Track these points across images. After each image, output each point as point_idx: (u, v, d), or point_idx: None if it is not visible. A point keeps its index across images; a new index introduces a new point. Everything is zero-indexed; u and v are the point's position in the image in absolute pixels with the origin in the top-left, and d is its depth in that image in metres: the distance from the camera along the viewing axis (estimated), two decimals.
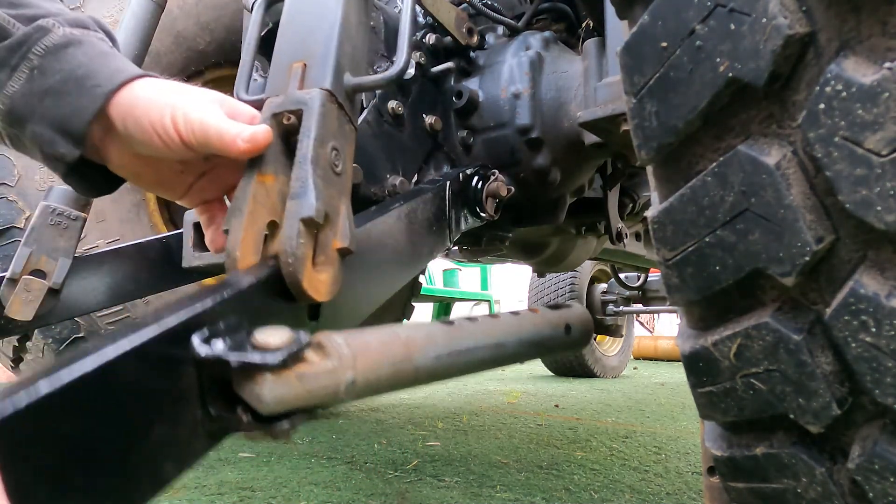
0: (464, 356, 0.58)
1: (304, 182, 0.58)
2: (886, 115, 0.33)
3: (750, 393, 0.42)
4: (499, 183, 1.07)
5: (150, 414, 0.39)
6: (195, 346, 0.42)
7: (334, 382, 0.45)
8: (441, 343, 0.56)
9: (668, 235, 0.45)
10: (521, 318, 0.68)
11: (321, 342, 0.47)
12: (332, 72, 0.66)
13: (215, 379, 0.42)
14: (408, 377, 0.52)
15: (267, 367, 0.42)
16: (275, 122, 0.64)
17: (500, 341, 0.63)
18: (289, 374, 0.43)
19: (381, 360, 0.49)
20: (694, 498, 1.29)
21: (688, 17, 0.41)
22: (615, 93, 0.95)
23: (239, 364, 0.41)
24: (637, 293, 3.82)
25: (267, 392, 0.41)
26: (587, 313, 0.76)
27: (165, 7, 1.25)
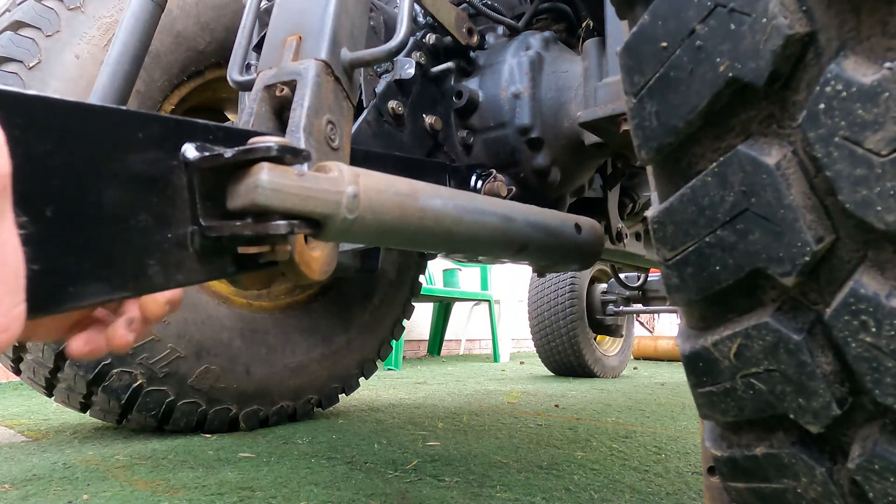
0: (471, 215, 0.56)
1: None
2: (886, 115, 0.33)
3: (750, 393, 0.42)
4: (498, 183, 1.07)
5: (136, 196, 0.38)
6: (185, 151, 0.40)
7: (336, 190, 0.43)
8: (446, 195, 0.54)
9: (668, 235, 0.45)
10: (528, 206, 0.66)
11: (323, 164, 0.45)
12: (329, 43, 0.64)
13: (208, 191, 0.41)
14: (415, 215, 0.49)
15: (264, 153, 0.40)
16: (267, 94, 0.61)
17: (507, 214, 0.60)
18: (287, 168, 0.41)
19: (386, 188, 0.47)
20: (694, 498, 1.29)
21: (688, 16, 0.41)
22: (615, 93, 0.95)
23: (234, 154, 0.40)
24: (637, 293, 3.82)
25: (264, 177, 0.39)
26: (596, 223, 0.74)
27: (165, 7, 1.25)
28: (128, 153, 0.37)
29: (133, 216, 0.38)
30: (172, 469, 1.43)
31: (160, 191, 0.39)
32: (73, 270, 0.35)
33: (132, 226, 0.38)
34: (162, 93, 1.71)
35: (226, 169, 0.40)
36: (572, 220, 0.69)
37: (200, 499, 1.20)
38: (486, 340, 6.51)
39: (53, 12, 1.52)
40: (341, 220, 0.44)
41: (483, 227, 0.57)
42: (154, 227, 0.39)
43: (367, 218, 0.45)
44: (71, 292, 0.35)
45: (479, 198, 0.59)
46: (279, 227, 0.41)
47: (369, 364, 2.29)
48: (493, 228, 0.58)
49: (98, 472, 1.40)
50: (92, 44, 1.55)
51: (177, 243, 0.40)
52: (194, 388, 1.74)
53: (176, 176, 0.40)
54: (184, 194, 0.40)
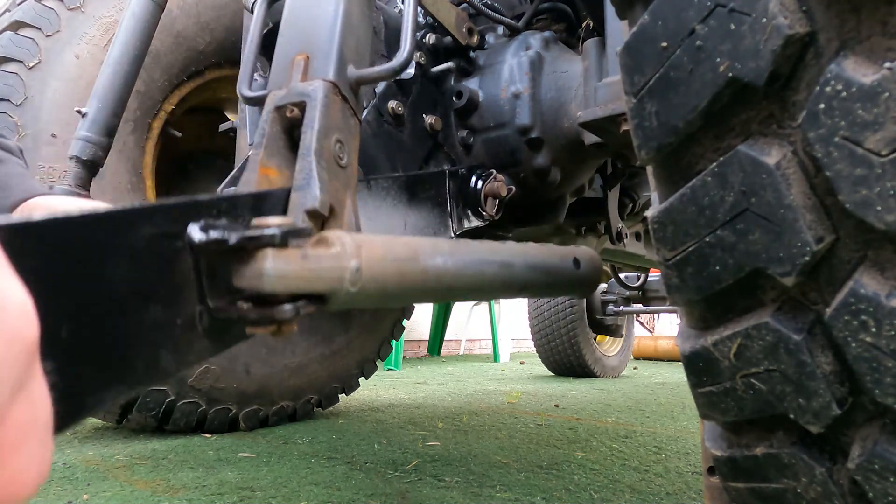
0: (472, 268, 0.57)
1: (309, 174, 0.57)
2: (886, 115, 0.33)
3: (750, 393, 0.42)
4: (498, 183, 1.07)
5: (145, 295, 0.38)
6: (191, 233, 0.40)
7: (339, 266, 0.44)
8: (446, 251, 0.54)
9: (668, 235, 0.45)
10: (527, 245, 0.67)
11: (324, 236, 0.46)
12: (336, 63, 0.65)
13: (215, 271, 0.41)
14: (416, 278, 0.50)
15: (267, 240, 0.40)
16: (278, 115, 0.63)
17: (506, 260, 0.61)
18: (291, 252, 0.41)
19: (386, 255, 0.48)
20: (694, 498, 1.29)
21: (688, 16, 0.41)
22: (615, 93, 0.95)
23: (238, 240, 0.40)
24: (637, 293, 3.82)
25: (268, 265, 0.40)
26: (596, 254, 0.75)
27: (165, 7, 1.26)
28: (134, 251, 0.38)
29: (145, 311, 0.38)
30: (172, 469, 1.43)
31: (168, 278, 0.40)
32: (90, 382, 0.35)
33: (144, 321, 0.38)
34: (162, 93, 1.71)
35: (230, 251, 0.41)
36: (571, 254, 0.70)
37: (200, 499, 1.20)
38: (486, 340, 6.51)
39: (53, 12, 1.52)
40: (345, 294, 0.45)
41: (483, 276, 0.59)
42: (164, 316, 0.39)
43: (369, 287, 0.46)
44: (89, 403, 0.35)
45: (479, 247, 0.59)
46: (286, 313, 0.42)
47: (369, 364, 2.29)
48: (492, 276, 0.60)
49: (98, 472, 1.40)
50: (92, 44, 1.55)
51: (186, 326, 0.41)
52: (194, 388, 1.74)
53: (182, 259, 0.40)
54: (191, 275, 0.41)
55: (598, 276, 0.75)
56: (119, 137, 1.37)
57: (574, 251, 0.71)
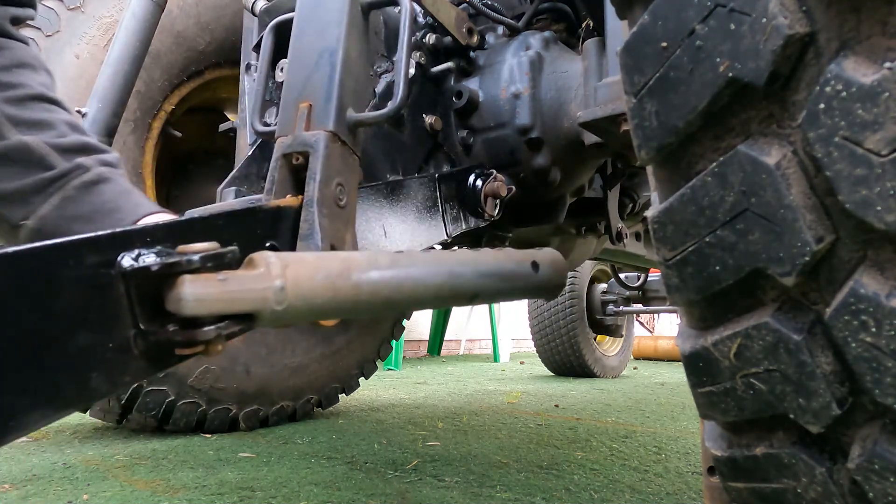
0: (413, 280, 0.58)
1: (312, 224, 0.63)
2: (886, 115, 0.33)
3: (750, 393, 0.42)
4: (498, 183, 1.07)
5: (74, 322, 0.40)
6: (121, 261, 0.42)
7: (261, 287, 0.45)
8: (384, 264, 0.56)
9: (668, 235, 0.45)
10: (480, 252, 0.67)
11: (252, 258, 0.47)
12: (335, 112, 0.71)
13: (146, 296, 0.43)
14: (348, 294, 0.52)
15: (184, 266, 0.42)
16: (285, 161, 0.70)
17: (454, 270, 0.63)
18: (209, 277, 0.43)
19: (315, 274, 0.49)
20: (694, 498, 1.29)
21: (688, 17, 0.41)
22: (615, 93, 0.95)
23: (159, 267, 0.42)
24: (637, 293, 3.81)
25: (187, 290, 0.42)
26: (559, 255, 0.74)
27: (165, 7, 1.26)
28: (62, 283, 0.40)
29: (75, 337, 0.40)
30: (172, 469, 1.43)
31: (100, 304, 0.42)
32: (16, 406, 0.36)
33: (74, 347, 0.40)
34: (162, 93, 1.71)
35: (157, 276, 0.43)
36: (529, 258, 0.70)
37: (200, 499, 1.20)
38: (486, 340, 6.51)
39: (53, 12, 1.52)
40: (271, 312, 0.47)
41: (426, 287, 0.60)
42: (96, 341, 0.41)
43: (297, 305, 0.48)
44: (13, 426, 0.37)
45: (423, 258, 0.61)
46: (207, 334, 0.44)
47: (369, 364, 2.29)
48: (437, 286, 0.61)
49: (98, 472, 1.40)
50: (92, 44, 1.55)
51: (120, 349, 0.43)
52: (194, 388, 1.74)
53: (115, 286, 0.42)
54: (124, 301, 0.43)
55: (562, 278, 0.74)
56: (119, 137, 1.37)
57: (534, 254, 0.71)
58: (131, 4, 1.20)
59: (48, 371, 0.38)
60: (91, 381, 0.41)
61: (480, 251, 0.67)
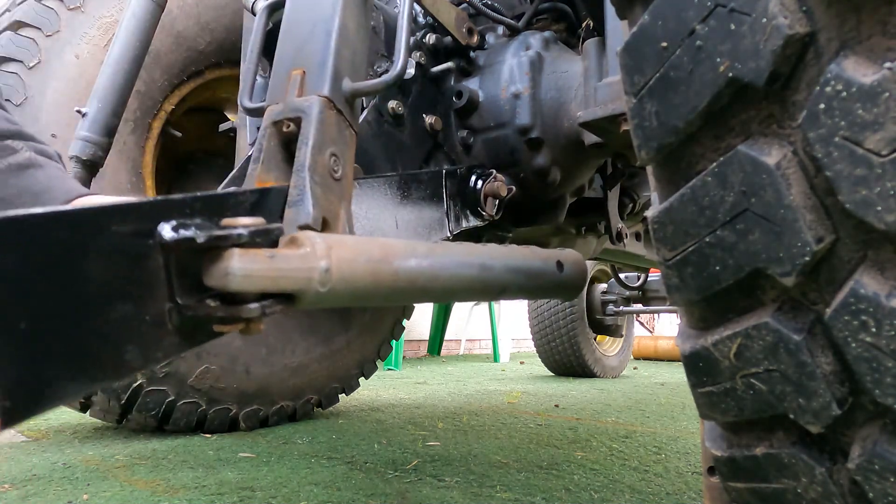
0: (447, 270, 0.58)
1: (302, 190, 0.59)
2: (886, 115, 0.33)
3: (750, 393, 0.42)
4: (498, 183, 1.07)
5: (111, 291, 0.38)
6: (161, 231, 0.41)
7: (307, 267, 0.44)
8: (422, 253, 0.55)
9: (668, 235, 0.45)
10: (510, 248, 0.67)
11: (296, 237, 0.46)
12: (330, 78, 0.67)
13: (185, 269, 0.42)
14: (388, 279, 0.51)
15: (234, 240, 0.41)
16: (275, 129, 0.65)
17: (485, 263, 0.62)
18: (257, 252, 0.42)
19: (358, 257, 0.49)
20: (694, 498, 1.29)
21: (688, 16, 0.41)
22: (615, 93, 0.95)
23: (206, 239, 0.41)
24: (637, 293, 3.82)
25: (234, 264, 0.40)
26: (581, 257, 0.75)
27: (165, 7, 1.26)
28: (102, 249, 0.38)
29: (111, 307, 0.38)
30: (172, 469, 1.43)
31: (137, 275, 0.40)
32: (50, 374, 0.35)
33: (110, 318, 0.38)
34: (162, 93, 1.71)
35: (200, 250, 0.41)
36: (555, 257, 0.70)
37: (200, 499, 1.20)
38: (486, 340, 6.51)
39: (53, 12, 1.52)
40: (314, 294, 0.45)
41: (460, 279, 0.60)
42: (132, 313, 0.40)
43: (339, 288, 0.47)
44: (48, 395, 0.35)
45: (457, 249, 0.60)
46: (252, 311, 0.42)
47: (369, 364, 2.29)
48: (470, 279, 0.60)
49: (98, 472, 1.40)
50: (92, 44, 1.55)
51: (155, 323, 0.41)
52: (194, 388, 1.74)
53: (153, 257, 0.41)
54: (161, 274, 0.41)
55: (583, 279, 0.75)
56: (119, 137, 1.37)
57: (558, 254, 0.71)
58: (131, 4, 1.20)
59: (85, 340, 0.37)
60: (126, 354, 0.39)
61: (509, 247, 0.67)
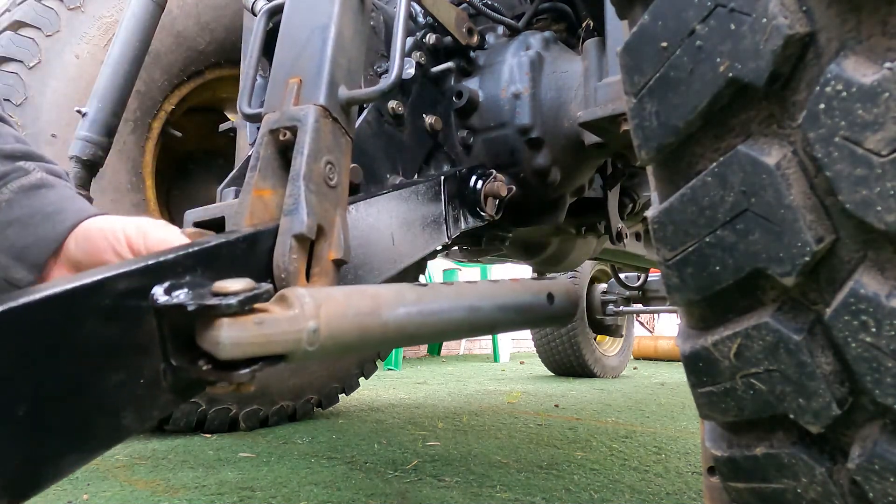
0: (436, 315, 0.58)
1: (297, 199, 0.59)
2: (886, 115, 0.33)
3: (750, 393, 0.42)
4: (498, 183, 1.07)
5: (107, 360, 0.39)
6: (155, 295, 0.42)
7: (296, 329, 0.45)
8: (410, 300, 0.56)
9: (668, 235, 0.45)
10: (499, 284, 0.68)
11: (285, 294, 0.47)
12: (326, 87, 0.67)
13: (178, 331, 0.42)
14: (376, 331, 0.52)
15: (223, 310, 0.41)
16: (271, 137, 0.65)
17: (474, 304, 0.63)
18: (246, 319, 0.43)
19: (347, 312, 0.49)
20: (694, 498, 1.29)
21: (688, 17, 0.41)
22: (615, 93, 0.95)
23: (196, 308, 0.41)
24: (637, 293, 3.81)
25: (223, 334, 0.41)
26: (573, 285, 0.76)
27: (165, 7, 1.25)
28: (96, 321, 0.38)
29: (105, 377, 0.39)
30: (172, 469, 1.43)
31: (132, 339, 0.40)
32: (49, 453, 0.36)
33: (104, 387, 0.39)
34: (162, 93, 1.71)
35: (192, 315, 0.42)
36: (545, 290, 0.71)
37: (200, 499, 1.20)
38: (486, 340, 6.51)
39: (53, 12, 1.52)
40: (303, 353, 0.47)
41: (448, 322, 0.61)
42: (126, 379, 0.40)
43: (328, 345, 0.48)
44: (49, 473, 0.36)
45: (446, 292, 0.61)
46: (242, 377, 0.43)
47: (369, 364, 2.29)
48: (459, 321, 0.62)
49: (98, 472, 1.40)
50: (92, 44, 1.55)
51: (150, 384, 0.42)
52: None
53: (146, 320, 0.41)
54: (155, 336, 0.42)
55: (574, 307, 0.76)
56: (119, 137, 1.37)
57: (549, 286, 0.72)
58: (131, 4, 1.20)
59: (81, 414, 0.37)
60: (123, 420, 0.40)
61: (499, 283, 0.68)
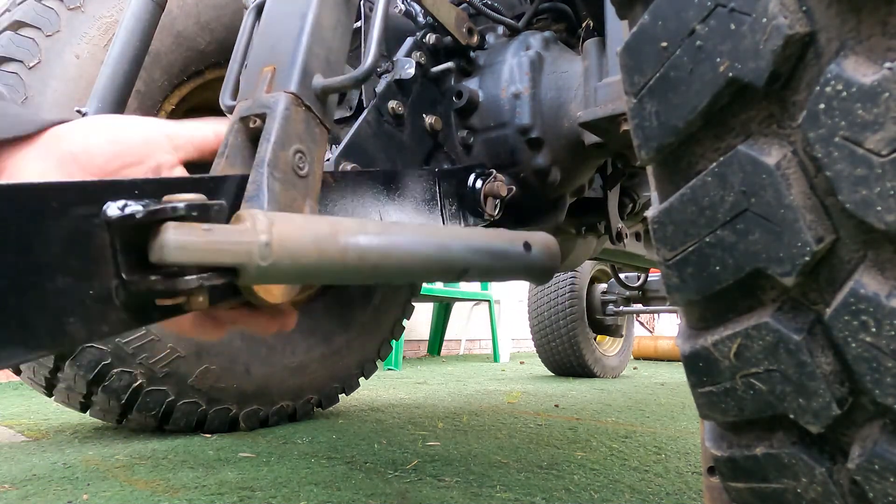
0: (401, 249, 0.57)
1: (259, 185, 0.58)
2: (886, 115, 0.33)
3: (750, 393, 0.42)
4: (498, 183, 1.07)
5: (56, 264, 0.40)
6: (106, 210, 0.42)
7: (246, 241, 0.45)
8: (373, 231, 0.55)
9: (668, 235, 0.45)
10: (472, 229, 0.66)
11: (240, 214, 0.47)
12: (299, 75, 0.67)
13: (130, 246, 0.43)
14: (335, 256, 0.51)
15: (170, 214, 0.42)
16: (242, 125, 0.64)
17: (444, 242, 0.61)
18: (194, 225, 0.43)
19: (303, 231, 0.49)
20: (694, 498, 1.29)
21: (688, 16, 0.41)
22: (615, 93, 0.95)
23: (144, 214, 0.42)
24: (637, 293, 3.82)
25: (170, 237, 0.41)
26: (553, 239, 0.73)
27: (165, 7, 1.25)
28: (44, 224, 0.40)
29: (51, 280, 0.40)
30: (172, 469, 1.43)
31: (82, 251, 0.42)
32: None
33: (50, 290, 0.40)
34: (162, 93, 1.71)
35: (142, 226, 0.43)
36: (521, 238, 0.69)
37: (200, 499, 1.20)
38: (486, 340, 6.51)
39: (53, 12, 1.52)
40: (255, 268, 0.46)
41: (415, 257, 0.59)
42: (74, 287, 0.41)
43: (283, 262, 0.47)
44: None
45: (414, 229, 0.59)
46: (189, 283, 0.44)
47: (369, 364, 2.29)
48: (426, 258, 0.60)
49: (98, 472, 1.40)
50: (92, 44, 1.55)
51: (100, 298, 0.43)
52: (194, 388, 1.74)
53: (99, 234, 0.42)
54: (107, 251, 0.43)
55: (555, 262, 0.72)
56: None
57: (526, 236, 0.70)
58: (131, 4, 1.20)
59: (22, 310, 0.39)
60: (67, 327, 0.41)
61: (474, 228, 0.66)
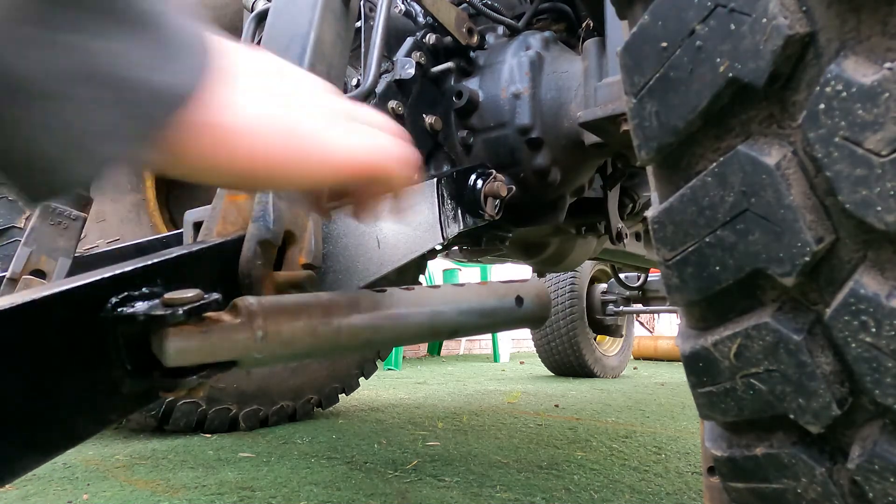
0: (394, 321, 0.58)
1: (265, 206, 0.60)
2: (886, 115, 0.33)
3: (750, 393, 0.42)
4: (498, 183, 1.06)
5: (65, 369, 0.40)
6: (109, 307, 0.43)
7: (242, 336, 0.47)
8: (366, 307, 0.56)
9: (668, 235, 0.45)
10: (464, 288, 0.67)
11: (235, 303, 0.48)
12: None
13: (133, 340, 0.44)
14: (329, 337, 0.52)
15: (170, 319, 0.43)
16: None
17: (436, 309, 0.62)
18: (192, 328, 0.44)
19: (295, 318, 0.50)
20: (694, 498, 1.29)
21: (688, 17, 0.41)
22: (615, 93, 0.95)
23: (145, 318, 0.43)
24: (637, 293, 3.81)
25: (168, 344, 0.43)
26: (544, 287, 0.74)
27: None
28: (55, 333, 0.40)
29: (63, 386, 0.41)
30: (172, 469, 1.43)
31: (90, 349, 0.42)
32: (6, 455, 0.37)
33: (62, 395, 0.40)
34: None
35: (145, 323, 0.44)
36: (514, 293, 0.70)
37: (200, 499, 1.20)
38: (486, 340, 6.51)
39: None
40: (252, 360, 0.48)
41: (406, 328, 0.60)
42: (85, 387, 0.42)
43: (278, 351, 0.49)
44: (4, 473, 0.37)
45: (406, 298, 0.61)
46: (189, 383, 0.45)
47: (369, 364, 2.29)
48: (417, 326, 0.62)
49: (98, 472, 1.40)
50: None
51: (108, 391, 0.43)
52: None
53: (104, 331, 0.43)
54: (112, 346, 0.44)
55: (546, 310, 0.74)
56: None
57: (518, 288, 0.71)
58: None
59: (37, 420, 0.39)
60: (79, 425, 0.42)
61: (464, 287, 0.67)
